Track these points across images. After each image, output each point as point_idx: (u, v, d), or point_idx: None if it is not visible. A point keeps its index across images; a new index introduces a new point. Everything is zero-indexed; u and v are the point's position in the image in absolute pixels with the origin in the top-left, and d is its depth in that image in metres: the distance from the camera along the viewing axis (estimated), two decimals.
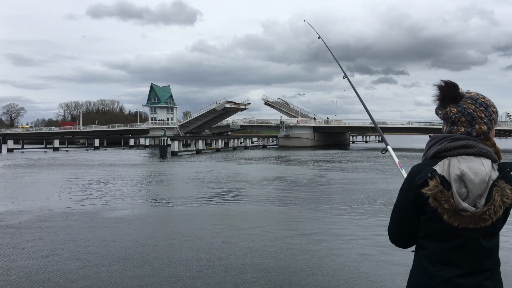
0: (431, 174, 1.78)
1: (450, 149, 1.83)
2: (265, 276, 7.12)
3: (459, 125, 1.91)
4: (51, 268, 7.61)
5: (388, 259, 7.92)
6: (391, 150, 3.18)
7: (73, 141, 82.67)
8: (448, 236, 1.80)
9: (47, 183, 21.35)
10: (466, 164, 1.78)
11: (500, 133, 75.10)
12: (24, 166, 32.94)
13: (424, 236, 1.86)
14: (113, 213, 12.98)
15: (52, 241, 9.60)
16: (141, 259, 8.15)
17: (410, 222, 1.90)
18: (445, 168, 1.79)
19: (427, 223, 1.84)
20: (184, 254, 8.42)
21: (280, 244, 9.15)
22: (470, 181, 1.75)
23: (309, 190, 18.46)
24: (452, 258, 1.79)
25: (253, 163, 35.75)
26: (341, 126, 79.83)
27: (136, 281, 6.95)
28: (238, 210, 13.50)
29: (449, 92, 1.91)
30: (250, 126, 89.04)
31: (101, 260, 8.07)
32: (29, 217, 12.41)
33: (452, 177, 1.76)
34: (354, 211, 13.02)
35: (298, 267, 7.57)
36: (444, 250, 1.80)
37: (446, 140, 1.86)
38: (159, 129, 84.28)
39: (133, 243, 9.38)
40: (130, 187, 19.63)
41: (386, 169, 28.79)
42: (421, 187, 1.80)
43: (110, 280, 6.97)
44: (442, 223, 1.78)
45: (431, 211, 1.80)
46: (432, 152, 1.89)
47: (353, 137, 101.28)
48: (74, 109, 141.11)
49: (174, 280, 6.99)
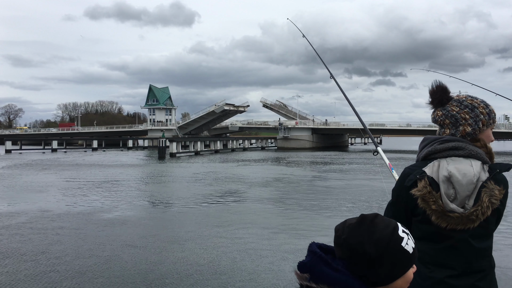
0: (420, 176, 1.79)
1: (440, 151, 1.85)
2: (253, 280, 7.04)
3: (445, 127, 1.95)
4: (33, 271, 7.50)
5: None
6: (381, 151, 3.24)
7: (71, 142, 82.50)
8: (438, 237, 1.80)
9: (44, 184, 21.23)
10: (454, 166, 1.79)
11: (499, 135, 75.15)
12: (21, 167, 32.83)
13: (417, 238, 1.82)
14: (107, 215, 12.89)
15: (39, 243, 9.50)
16: (131, 261, 8.05)
17: (402, 223, 1.85)
18: (435, 169, 1.81)
19: (419, 224, 1.84)
20: (172, 257, 8.33)
21: (272, 245, 9.07)
22: (457, 182, 1.75)
23: (307, 191, 18.38)
24: (444, 259, 1.79)
25: (252, 165, 35.68)
26: (340, 128, 79.76)
27: (121, 285, 6.86)
28: (236, 211, 13.39)
29: (436, 95, 1.96)
30: (248, 128, 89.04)
31: (86, 263, 7.96)
32: (23, 218, 12.31)
33: (440, 179, 1.77)
34: (353, 211, 12.95)
35: (287, 270, 7.48)
36: (436, 251, 1.80)
37: (436, 142, 1.89)
38: (157, 130, 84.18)
39: (123, 244, 9.28)
40: (127, 189, 19.53)
41: (383, 170, 28.80)
42: (411, 188, 1.81)
43: (93, 283, 6.87)
44: (432, 224, 1.79)
45: (422, 213, 1.80)
46: (423, 154, 1.91)
47: (351, 139, 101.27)
48: (72, 110, 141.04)
49: (160, 283, 6.90)
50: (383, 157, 3.15)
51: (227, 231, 10.54)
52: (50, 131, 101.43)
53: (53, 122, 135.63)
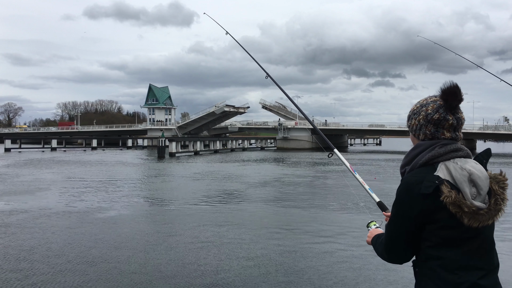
0: (439, 181, 1.74)
1: (442, 154, 1.82)
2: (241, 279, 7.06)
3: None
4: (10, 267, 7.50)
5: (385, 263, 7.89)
6: (338, 153, 3.06)
7: (71, 141, 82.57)
8: (461, 240, 1.77)
9: (41, 183, 21.19)
10: (468, 165, 1.78)
11: (498, 136, 75.19)
12: (20, 165, 32.85)
13: (437, 244, 1.79)
14: (102, 214, 12.86)
15: (23, 242, 9.49)
16: (114, 261, 8.04)
17: (409, 235, 1.85)
18: (446, 172, 1.77)
19: (440, 231, 1.78)
20: (157, 258, 8.31)
21: (268, 244, 9.05)
22: (479, 179, 1.75)
23: (306, 192, 18.36)
24: (470, 261, 1.76)
25: (251, 165, 35.68)
26: (339, 129, 79.78)
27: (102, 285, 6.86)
28: (234, 211, 13.32)
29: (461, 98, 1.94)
30: (248, 128, 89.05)
31: (68, 261, 7.93)
32: (16, 216, 12.29)
33: (461, 179, 1.75)
34: (351, 212, 12.98)
35: (273, 270, 7.46)
36: (461, 255, 1.76)
37: (436, 146, 1.85)
38: (157, 130, 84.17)
39: (107, 245, 9.25)
40: (125, 188, 19.50)
41: (383, 172, 28.82)
42: (430, 196, 1.75)
43: (72, 284, 6.87)
44: (457, 228, 1.75)
45: (445, 219, 1.76)
46: (424, 160, 1.85)
47: (351, 140, 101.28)
48: (72, 109, 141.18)
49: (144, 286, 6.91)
50: (341, 159, 2.96)
51: (216, 231, 10.49)
52: (49, 130, 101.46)
53: (52, 121, 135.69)
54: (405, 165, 1.94)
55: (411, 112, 2.00)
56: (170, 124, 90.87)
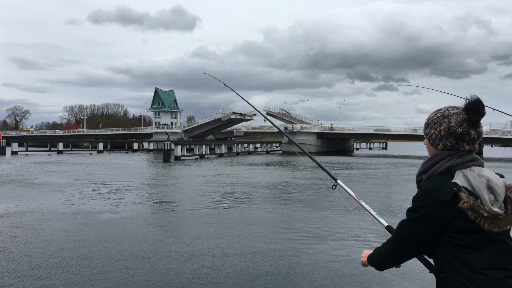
0: (458, 188, 1.79)
1: (460, 164, 1.88)
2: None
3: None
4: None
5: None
6: (342, 184, 2.87)
7: (77, 144, 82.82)
8: (484, 244, 1.82)
9: (46, 185, 21.29)
10: (484, 172, 1.86)
11: (505, 141, 74.66)
12: (28, 167, 32.98)
13: (459, 249, 1.83)
14: (101, 216, 12.88)
15: (13, 245, 9.50)
16: (114, 261, 8.03)
17: (424, 240, 1.90)
18: (463, 180, 1.83)
19: (462, 236, 1.82)
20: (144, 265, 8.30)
21: (269, 248, 9.01)
22: (496, 186, 1.82)
23: (311, 195, 18.31)
24: (497, 262, 1.80)
25: (257, 169, 35.63)
26: (345, 133, 79.63)
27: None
28: (235, 214, 13.31)
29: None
30: (253, 133, 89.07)
31: (55, 267, 7.85)
32: (15, 219, 12.32)
33: (479, 186, 1.80)
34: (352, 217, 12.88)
35: (263, 272, 7.43)
36: (487, 256, 1.80)
37: (454, 156, 1.90)
38: (162, 133, 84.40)
39: (108, 241, 9.24)
40: (129, 191, 19.52)
41: (392, 177, 28.64)
42: (449, 202, 1.79)
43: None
44: (477, 233, 1.80)
45: (463, 224, 1.80)
46: (442, 169, 1.89)
47: (356, 144, 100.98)
48: (78, 112, 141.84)
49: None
50: (346, 190, 2.80)
51: (219, 233, 10.48)
52: (56, 133, 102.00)
53: (59, 124, 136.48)
54: (422, 173, 1.98)
55: (430, 120, 2.01)
56: (176, 128, 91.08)
